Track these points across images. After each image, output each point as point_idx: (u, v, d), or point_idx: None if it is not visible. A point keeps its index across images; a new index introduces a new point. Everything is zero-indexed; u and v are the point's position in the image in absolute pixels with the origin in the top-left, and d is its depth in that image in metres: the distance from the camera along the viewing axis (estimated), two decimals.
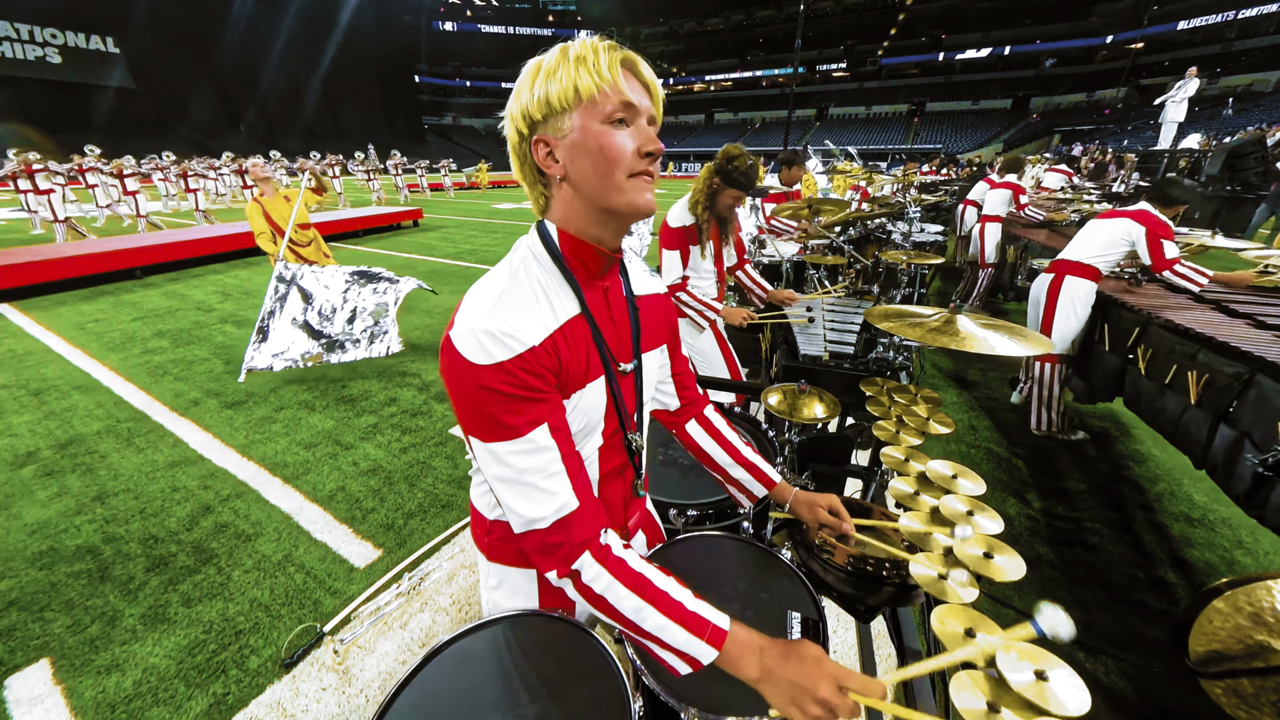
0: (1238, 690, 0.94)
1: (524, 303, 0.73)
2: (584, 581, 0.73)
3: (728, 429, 1.14)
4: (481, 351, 0.68)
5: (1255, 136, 9.48)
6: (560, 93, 0.68)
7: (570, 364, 0.76)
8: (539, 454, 0.72)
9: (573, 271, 0.78)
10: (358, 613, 2.07)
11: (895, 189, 8.00)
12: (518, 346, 0.69)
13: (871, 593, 1.04)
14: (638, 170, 0.72)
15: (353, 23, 58.43)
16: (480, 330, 0.69)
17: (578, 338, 0.78)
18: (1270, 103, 27.43)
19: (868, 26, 54.30)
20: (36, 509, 2.68)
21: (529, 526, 0.73)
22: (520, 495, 0.73)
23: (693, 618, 0.72)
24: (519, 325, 0.71)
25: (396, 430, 3.44)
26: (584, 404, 0.80)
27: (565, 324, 0.76)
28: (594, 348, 0.81)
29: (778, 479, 1.11)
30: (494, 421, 0.70)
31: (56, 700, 1.74)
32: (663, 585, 0.75)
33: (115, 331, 5.34)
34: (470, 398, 0.70)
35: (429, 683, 0.82)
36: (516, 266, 0.77)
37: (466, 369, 0.69)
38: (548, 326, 0.74)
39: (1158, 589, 2.21)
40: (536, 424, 0.72)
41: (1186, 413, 2.27)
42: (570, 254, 0.78)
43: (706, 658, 0.71)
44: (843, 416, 2.50)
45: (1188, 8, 38.07)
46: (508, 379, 0.69)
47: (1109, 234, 2.97)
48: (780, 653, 0.70)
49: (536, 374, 0.71)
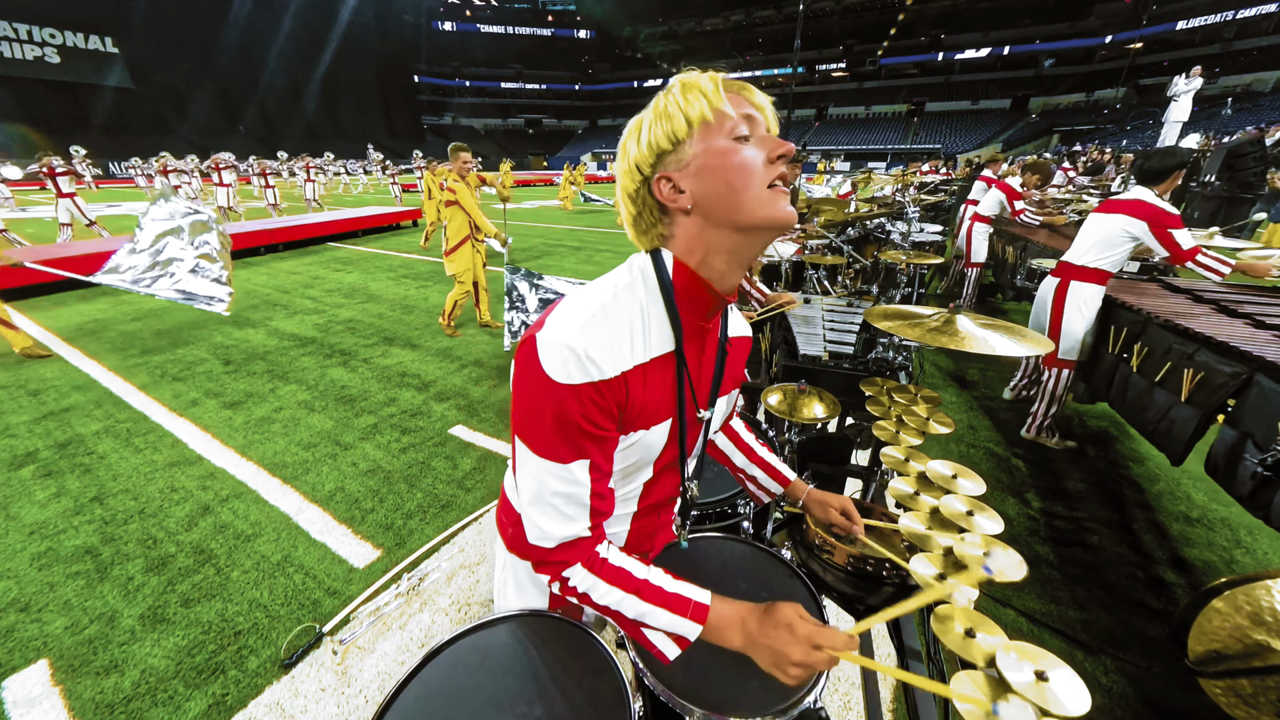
0: (1237, 689, 0.94)
1: (616, 329, 0.71)
2: (570, 585, 0.77)
3: (745, 432, 1.18)
4: (560, 367, 0.67)
5: (1254, 136, 9.50)
6: (674, 129, 0.67)
7: (641, 401, 0.74)
8: (571, 485, 0.73)
9: (679, 309, 0.75)
10: (357, 613, 2.07)
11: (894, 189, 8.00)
12: (595, 374, 0.68)
13: (871, 592, 1.04)
14: (773, 179, 0.69)
15: (352, 23, 58.40)
16: (565, 345, 0.67)
17: (660, 376, 0.76)
18: (1269, 103, 27.47)
19: (867, 26, 54.31)
20: (35, 509, 2.67)
21: (540, 540, 0.76)
22: (541, 511, 0.75)
23: (673, 598, 0.76)
24: (603, 352, 0.68)
25: (396, 430, 3.44)
26: (645, 441, 0.79)
27: (652, 360, 0.74)
28: (674, 389, 0.79)
29: (792, 477, 1.15)
30: (545, 437, 0.71)
31: (55, 701, 1.74)
32: (642, 575, 0.78)
33: (114, 331, 5.33)
34: (532, 404, 0.70)
35: (428, 683, 0.82)
36: (621, 288, 0.74)
37: (540, 377, 0.68)
38: (632, 360, 0.72)
39: (1157, 589, 2.21)
40: (580, 458, 0.72)
41: (1173, 409, 2.27)
42: (682, 289, 0.74)
43: (691, 633, 0.75)
44: (842, 416, 2.50)
45: (1186, 8, 38.08)
46: (574, 404, 0.68)
47: (1106, 230, 2.84)
48: (759, 619, 0.74)
49: (601, 408, 0.70)
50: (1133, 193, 2.80)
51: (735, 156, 0.67)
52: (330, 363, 4.55)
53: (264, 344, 4.99)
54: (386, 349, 4.86)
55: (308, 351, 4.81)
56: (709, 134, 0.68)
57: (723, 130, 0.68)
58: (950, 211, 9.12)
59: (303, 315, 5.90)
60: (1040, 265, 4.01)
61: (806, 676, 0.70)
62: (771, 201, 0.68)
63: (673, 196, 0.70)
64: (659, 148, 0.69)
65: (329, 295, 6.75)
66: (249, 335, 5.24)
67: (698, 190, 0.69)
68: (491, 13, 66.04)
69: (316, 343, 5.04)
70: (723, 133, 0.68)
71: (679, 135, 0.68)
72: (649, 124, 0.70)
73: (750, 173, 0.67)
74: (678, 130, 0.67)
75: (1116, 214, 2.81)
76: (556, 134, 67.02)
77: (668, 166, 0.70)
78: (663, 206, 0.73)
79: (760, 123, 0.70)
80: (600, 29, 68.52)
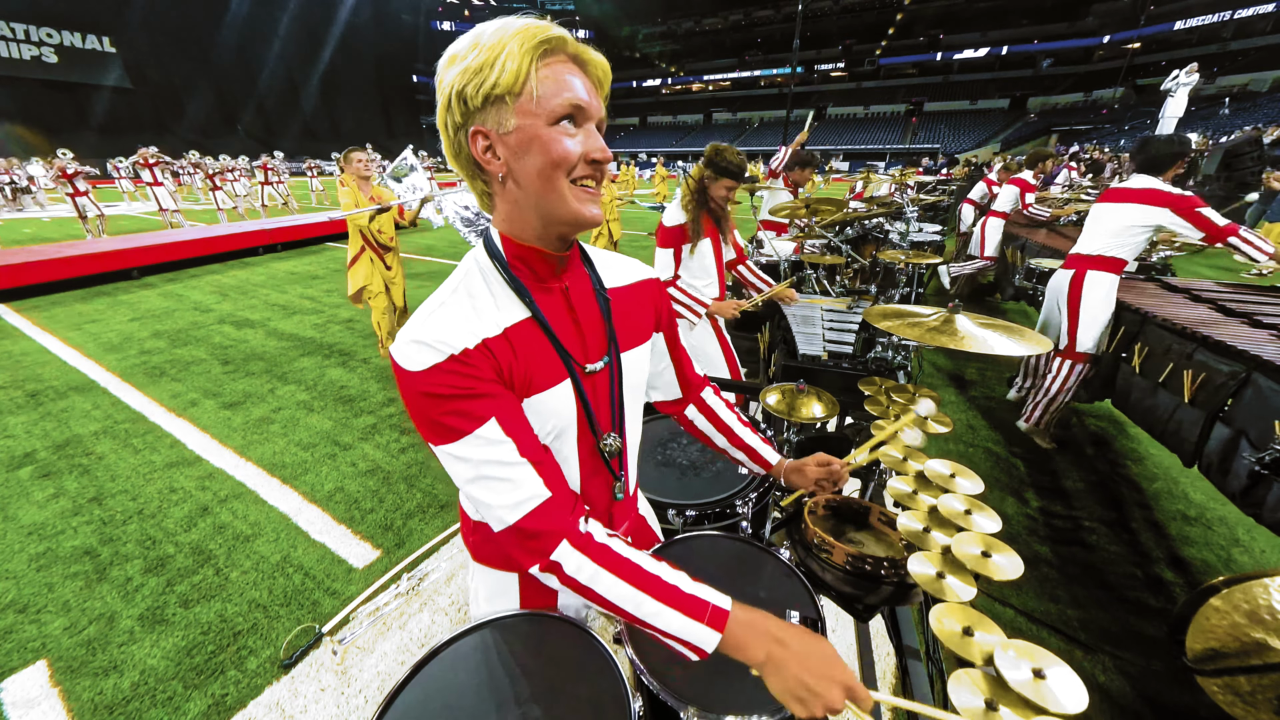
0: (1235, 687, 0.95)
1: (461, 313, 0.72)
2: (567, 573, 0.71)
3: (725, 411, 1.14)
4: (414, 359, 0.68)
5: (1251, 136, 9.52)
6: (499, 80, 0.63)
7: (520, 368, 0.74)
8: (493, 447, 0.70)
9: (520, 277, 0.76)
10: (356, 613, 2.07)
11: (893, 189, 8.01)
12: (447, 350, 0.68)
13: (870, 592, 1.04)
14: (583, 176, 0.69)
15: (350, 22, 58.33)
16: (413, 340, 0.68)
17: (528, 342, 0.76)
18: (1267, 102, 27.53)
19: (865, 26, 54.34)
20: (33, 510, 2.67)
21: (502, 523, 0.72)
22: (485, 488, 0.71)
23: (689, 600, 0.70)
24: (450, 332, 0.69)
25: (395, 430, 3.44)
26: (548, 407, 0.78)
27: (508, 329, 0.74)
28: (554, 350, 0.78)
29: (773, 459, 1.12)
30: (439, 424, 0.70)
31: (54, 702, 1.74)
32: (654, 570, 0.72)
33: (112, 332, 5.32)
34: (413, 405, 0.70)
35: (428, 683, 0.82)
36: (459, 281, 0.76)
37: (404, 377, 0.69)
38: (485, 332, 0.72)
39: (1155, 587, 2.21)
40: (483, 420, 0.70)
41: (1179, 411, 2.28)
42: (515, 259, 0.76)
43: (709, 643, 0.68)
44: (841, 416, 2.50)
45: (1184, 8, 38.17)
46: (441, 380, 0.68)
47: (1121, 221, 2.72)
48: (797, 639, 0.68)
49: (473, 375, 0.69)
50: (1139, 181, 2.69)
51: (552, 144, 0.65)
52: (329, 363, 4.54)
53: (263, 344, 4.99)
54: (386, 343, 4.85)
55: (306, 352, 4.80)
56: (532, 110, 0.64)
57: (548, 111, 0.65)
58: (949, 211, 9.13)
59: (301, 315, 5.89)
60: (1040, 265, 4.02)
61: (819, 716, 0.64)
62: (576, 199, 0.69)
63: (488, 160, 0.69)
64: (482, 91, 0.64)
65: (328, 295, 6.75)
66: (247, 335, 5.23)
67: (511, 164, 0.68)
68: (490, 13, 66.00)
69: (315, 343, 5.03)
70: (547, 114, 0.65)
71: (505, 90, 0.63)
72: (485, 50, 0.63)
73: (560, 165, 0.66)
74: (505, 83, 0.63)
75: (1128, 203, 2.69)
76: None
77: (486, 121, 0.66)
78: (478, 163, 0.70)
79: (593, 114, 0.68)
80: (599, 29, 68.49)
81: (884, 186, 7.90)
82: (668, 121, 65.14)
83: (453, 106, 0.67)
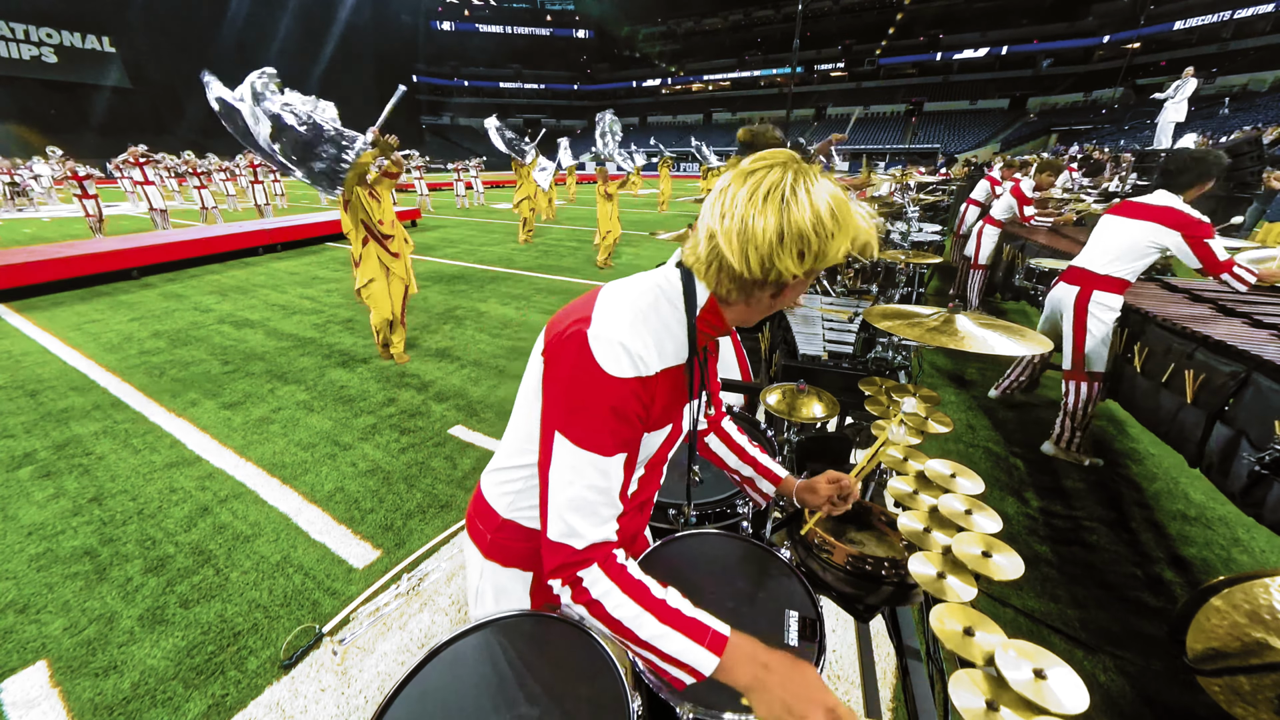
0: (1235, 687, 0.95)
1: (655, 333, 0.77)
2: (583, 586, 0.74)
3: (738, 434, 1.21)
4: (616, 362, 0.71)
5: (1251, 136, 9.52)
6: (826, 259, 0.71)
7: (660, 405, 0.80)
8: (608, 479, 0.74)
9: (698, 330, 0.81)
10: (356, 613, 2.07)
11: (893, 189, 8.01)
12: (645, 370, 0.73)
13: (870, 592, 1.04)
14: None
15: (350, 22, 58.30)
16: (620, 342, 0.72)
17: (675, 384, 0.83)
18: (1266, 102, 27.52)
19: (865, 26, 54.32)
20: (33, 510, 2.67)
21: (566, 539, 0.74)
22: (577, 508, 0.74)
23: (691, 623, 0.72)
24: (649, 352, 0.74)
25: (395, 431, 3.44)
26: (649, 444, 0.85)
27: (673, 368, 0.81)
28: (681, 396, 0.86)
29: (784, 474, 1.16)
30: (594, 430, 0.72)
31: (54, 703, 1.74)
32: (660, 594, 0.75)
33: (112, 332, 5.32)
34: (585, 398, 0.72)
35: (428, 683, 0.82)
36: (653, 300, 0.79)
37: (594, 370, 0.71)
38: (662, 362, 0.78)
39: (1155, 587, 2.21)
40: (621, 450, 0.75)
41: (1182, 411, 2.28)
42: (707, 320, 0.81)
43: (707, 666, 0.71)
44: (841, 416, 2.50)
45: (1184, 8, 38.15)
46: (626, 395, 0.72)
47: (1132, 240, 2.65)
48: (782, 665, 0.70)
49: (644, 403, 0.76)
50: (1159, 198, 2.62)
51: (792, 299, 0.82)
52: (329, 363, 4.54)
53: (262, 344, 4.99)
54: (386, 349, 4.85)
55: (306, 352, 4.80)
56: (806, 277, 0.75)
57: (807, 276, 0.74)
58: (949, 211, 9.13)
59: (301, 315, 5.89)
60: (1039, 265, 4.02)
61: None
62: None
63: (769, 302, 0.79)
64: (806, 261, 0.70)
65: (328, 295, 6.75)
66: (247, 335, 5.23)
67: (777, 303, 0.81)
68: (490, 12, 65.98)
69: (315, 343, 5.03)
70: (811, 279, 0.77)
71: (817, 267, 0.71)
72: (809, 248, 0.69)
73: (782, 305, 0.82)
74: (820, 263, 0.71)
75: (1143, 221, 2.63)
76: (555, 134, 66.95)
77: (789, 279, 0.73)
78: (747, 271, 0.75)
79: None
80: (599, 29, 68.47)
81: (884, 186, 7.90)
82: (668, 121, 65.11)
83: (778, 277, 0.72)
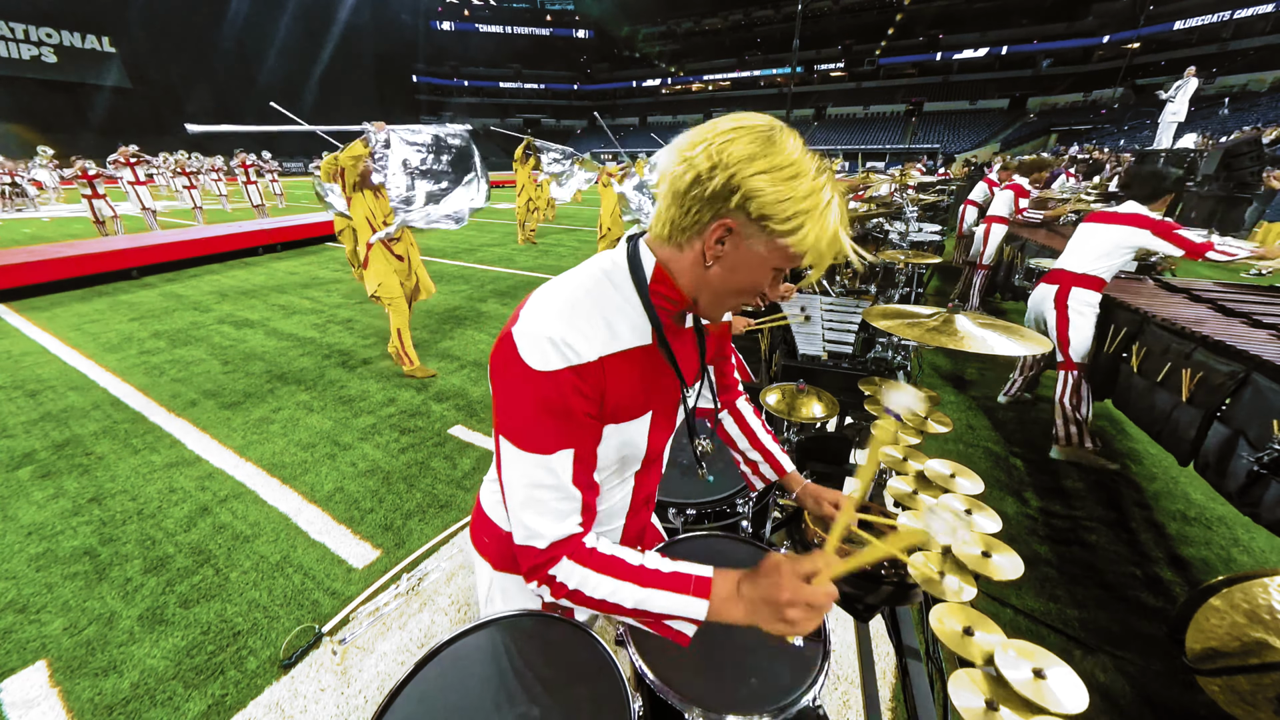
0: (1234, 687, 0.95)
1: (592, 317, 0.72)
2: (559, 582, 0.73)
3: (753, 416, 1.20)
4: (539, 356, 0.68)
5: (1251, 136, 9.53)
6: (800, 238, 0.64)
7: (619, 393, 0.75)
8: (558, 476, 0.72)
9: (655, 306, 0.76)
10: (356, 613, 2.07)
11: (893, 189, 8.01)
12: (574, 358, 0.69)
13: (870, 591, 1.04)
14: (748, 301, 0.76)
15: (350, 22, 58.27)
16: (543, 335, 0.68)
17: (640, 368, 0.77)
18: (1266, 102, 27.52)
19: (865, 26, 54.31)
20: (33, 510, 2.66)
21: (529, 541, 0.73)
22: (531, 509, 0.72)
23: (671, 577, 0.72)
24: (580, 338, 0.70)
25: (395, 431, 3.44)
26: (627, 436, 0.80)
27: (627, 351, 0.75)
28: (653, 381, 0.80)
29: (790, 468, 1.17)
30: (529, 429, 0.70)
31: (54, 703, 1.74)
32: (636, 561, 0.74)
33: (112, 332, 5.32)
34: (515, 398, 0.70)
35: (428, 683, 0.82)
36: (591, 285, 0.75)
37: (520, 369, 0.69)
38: (611, 345, 0.73)
39: (1155, 587, 2.21)
40: (565, 447, 0.71)
41: (1176, 410, 2.28)
42: (658, 291, 0.75)
43: (698, 611, 0.71)
44: (841, 416, 2.50)
45: (1184, 8, 38.14)
46: (555, 391, 0.68)
47: (1105, 241, 2.87)
48: (750, 578, 0.71)
49: (583, 393, 0.70)
50: (1126, 207, 2.87)
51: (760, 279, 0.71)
52: (329, 363, 4.54)
53: (262, 344, 4.99)
54: (386, 349, 4.85)
55: (306, 352, 4.80)
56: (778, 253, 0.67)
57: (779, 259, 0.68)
58: (948, 211, 9.13)
59: (301, 315, 5.89)
60: (1039, 265, 4.02)
61: (806, 617, 0.65)
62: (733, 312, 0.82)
63: (714, 249, 0.69)
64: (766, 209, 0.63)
65: (328, 295, 6.74)
66: (247, 335, 5.23)
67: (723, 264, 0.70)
68: (490, 12, 65.94)
69: (315, 343, 5.03)
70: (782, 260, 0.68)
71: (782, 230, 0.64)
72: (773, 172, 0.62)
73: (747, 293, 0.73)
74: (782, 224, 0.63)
75: (1113, 225, 2.88)
76: (555, 134, 66.94)
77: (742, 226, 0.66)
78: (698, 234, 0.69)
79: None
80: (599, 29, 68.43)
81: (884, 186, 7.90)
82: (668, 121, 65.09)
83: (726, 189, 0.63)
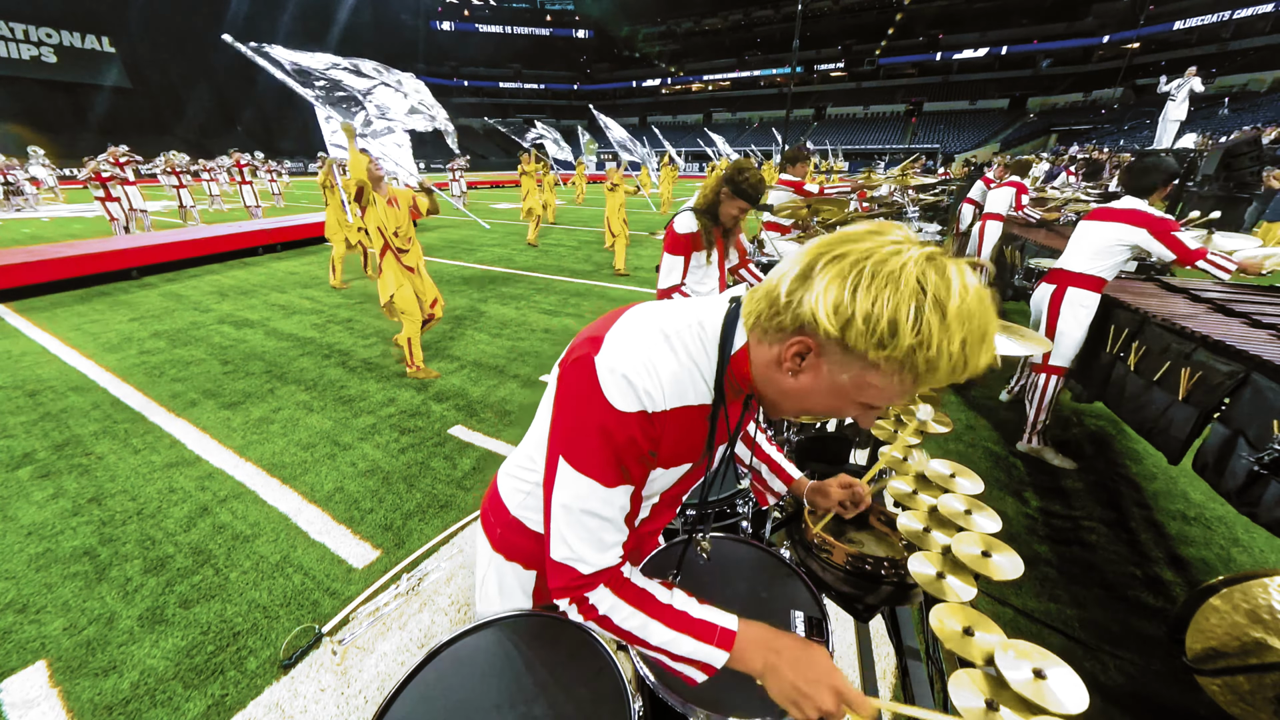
0: (1234, 687, 0.95)
1: (671, 372, 0.72)
2: (590, 604, 0.75)
3: (756, 432, 1.20)
4: (620, 395, 0.68)
5: (1250, 136, 9.53)
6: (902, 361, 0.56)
7: (673, 442, 0.76)
8: (611, 508, 0.74)
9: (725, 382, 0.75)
10: (356, 613, 2.07)
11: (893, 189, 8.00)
12: (649, 405, 0.69)
13: (870, 592, 1.04)
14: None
15: (350, 22, 58.36)
16: (625, 376, 0.68)
17: (694, 424, 0.77)
18: (1266, 102, 27.53)
19: (865, 26, 54.36)
20: (33, 510, 2.66)
21: (571, 562, 0.74)
22: (579, 532, 0.73)
23: (699, 625, 0.74)
24: (658, 388, 0.70)
25: (395, 431, 3.44)
26: (665, 479, 0.84)
27: (693, 407, 0.75)
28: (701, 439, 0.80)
29: (796, 475, 1.18)
30: (593, 459, 0.71)
31: (53, 703, 1.73)
32: (665, 598, 0.76)
33: (112, 332, 5.32)
34: (585, 425, 0.71)
35: (428, 683, 0.82)
36: (685, 334, 0.73)
37: (599, 402, 0.69)
38: (677, 401, 0.73)
39: (1155, 587, 2.21)
40: (623, 483, 0.73)
41: (1171, 409, 2.28)
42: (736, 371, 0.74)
43: (718, 661, 0.73)
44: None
45: (1184, 8, 38.18)
46: (628, 431, 0.70)
47: (1103, 239, 2.84)
48: (793, 648, 0.72)
49: (651, 438, 0.72)
50: (1125, 202, 2.83)
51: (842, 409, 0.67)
52: (329, 363, 4.54)
53: (262, 344, 4.99)
54: (385, 348, 4.85)
55: (306, 352, 4.80)
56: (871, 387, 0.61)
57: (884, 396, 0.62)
58: (949, 211, 9.12)
59: (301, 315, 5.89)
60: (1039, 265, 4.02)
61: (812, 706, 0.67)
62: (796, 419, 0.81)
63: (793, 364, 0.65)
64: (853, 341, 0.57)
65: (328, 295, 6.74)
66: (247, 335, 5.23)
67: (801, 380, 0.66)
68: (490, 12, 65.97)
69: (315, 343, 5.03)
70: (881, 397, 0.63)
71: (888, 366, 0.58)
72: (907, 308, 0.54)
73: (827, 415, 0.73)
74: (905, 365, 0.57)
75: (1111, 223, 2.83)
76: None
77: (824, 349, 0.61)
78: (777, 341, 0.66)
79: None
80: (598, 29, 68.46)
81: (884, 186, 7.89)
82: (668, 121, 65.11)
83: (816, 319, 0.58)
